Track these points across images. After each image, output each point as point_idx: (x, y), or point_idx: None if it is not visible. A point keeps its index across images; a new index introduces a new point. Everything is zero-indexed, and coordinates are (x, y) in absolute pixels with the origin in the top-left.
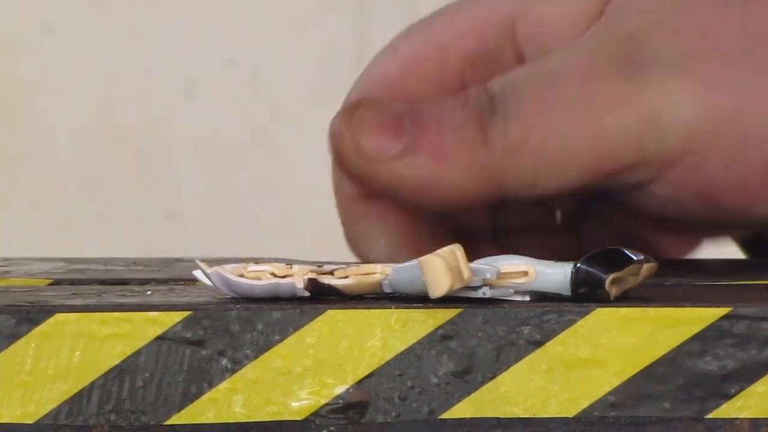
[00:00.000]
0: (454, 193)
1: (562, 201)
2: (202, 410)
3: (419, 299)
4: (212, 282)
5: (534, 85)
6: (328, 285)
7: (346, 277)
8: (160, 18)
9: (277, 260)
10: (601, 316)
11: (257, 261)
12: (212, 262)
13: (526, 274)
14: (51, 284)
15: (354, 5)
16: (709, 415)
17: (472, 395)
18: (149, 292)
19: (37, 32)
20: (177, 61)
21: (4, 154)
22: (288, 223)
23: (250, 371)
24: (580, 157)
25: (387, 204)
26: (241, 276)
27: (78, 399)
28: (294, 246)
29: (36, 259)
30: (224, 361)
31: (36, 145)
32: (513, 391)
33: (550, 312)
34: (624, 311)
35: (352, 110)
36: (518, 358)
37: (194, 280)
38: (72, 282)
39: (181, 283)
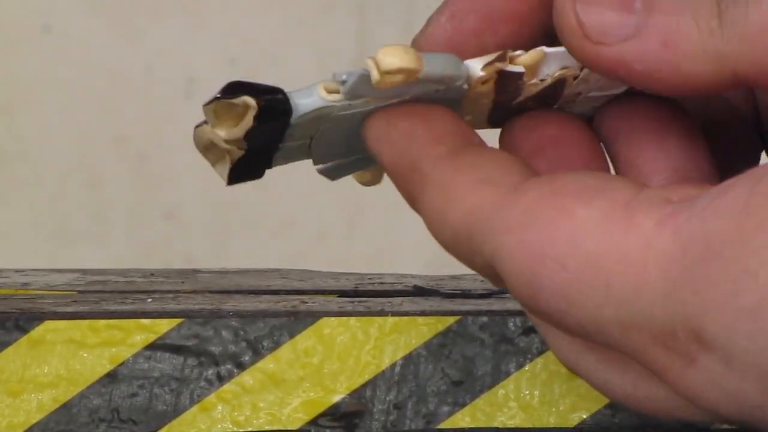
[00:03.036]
0: (683, 80)
1: None
2: (194, 420)
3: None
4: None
5: None
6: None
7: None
8: (161, 18)
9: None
10: None
11: None
12: None
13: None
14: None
15: (353, 6)
16: (715, 425)
17: (469, 405)
18: (149, 300)
19: (38, 32)
20: (177, 61)
21: (4, 154)
22: (287, 223)
23: (243, 380)
24: None
25: None
26: None
27: (68, 408)
28: (294, 246)
29: (50, 270)
30: (217, 370)
31: (36, 144)
32: (511, 401)
33: None
34: None
35: None
36: (517, 368)
37: (223, 291)
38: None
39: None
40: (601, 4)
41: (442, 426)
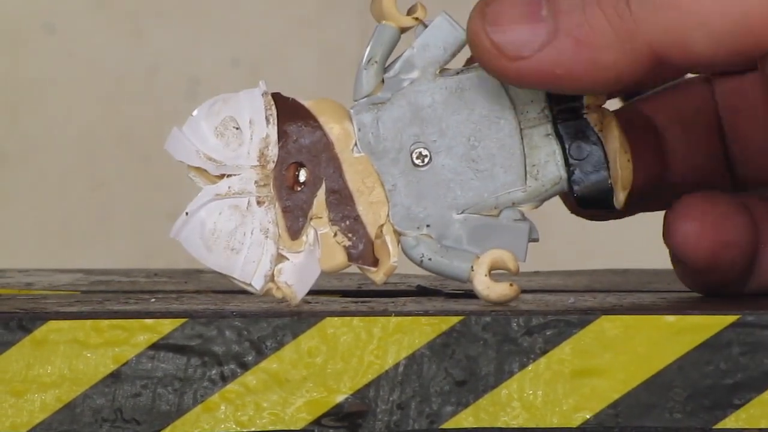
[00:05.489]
0: (604, 73)
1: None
2: (198, 420)
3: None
4: None
5: None
6: None
7: None
8: (164, 18)
9: None
10: (605, 324)
11: None
12: None
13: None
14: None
15: (355, 5)
16: (717, 426)
17: (472, 405)
18: (153, 300)
19: (41, 32)
20: (180, 62)
21: (7, 154)
22: None
23: (246, 380)
24: (735, 19)
25: None
26: None
27: (71, 408)
28: None
29: (53, 270)
30: (220, 370)
31: (39, 144)
32: (515, 401)
33: (552, 321)
34: (628, 320)
35: (484, 5)
36: (520, 368)
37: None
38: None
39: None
40: (509, 21)
41: (445, 426)
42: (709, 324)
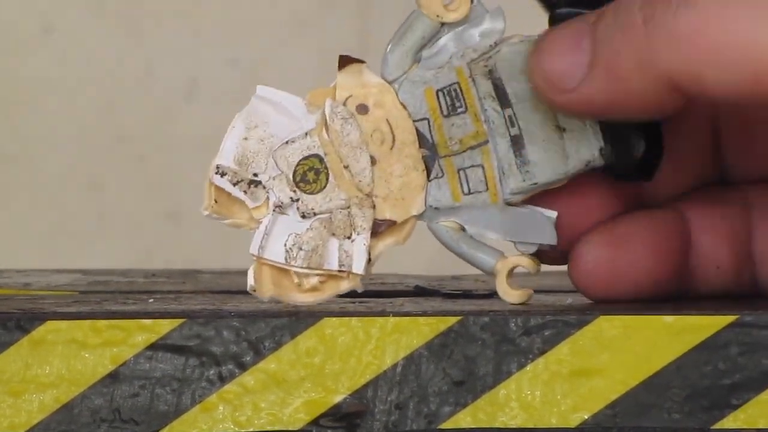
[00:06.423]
0: (635, 101)
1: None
2: (196, 420)
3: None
4: None
5: None
6: None
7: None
8: (161, 18)
9: None
10: (603, 324)
11: None
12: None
13: None
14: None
15: (354, 5)
16: (715, 426)
17: (470, 405)
18: (151, 300)
19: (39, 33)
20: (178, 62)
21: (5, 154)
22: None
23: (244, 380)
24: (755, 62)
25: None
26: None
27: (69, 409)
28: None
29: (51, 271)
30: (218, 370)
31: (37, 145)
32: (513, 401)
33: (551, 321)
34: (626, 320)
35: (540, 38)
36: (519, 368)
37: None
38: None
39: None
40: (556, 54)
41: (443, 426)
42: (708, 324)
